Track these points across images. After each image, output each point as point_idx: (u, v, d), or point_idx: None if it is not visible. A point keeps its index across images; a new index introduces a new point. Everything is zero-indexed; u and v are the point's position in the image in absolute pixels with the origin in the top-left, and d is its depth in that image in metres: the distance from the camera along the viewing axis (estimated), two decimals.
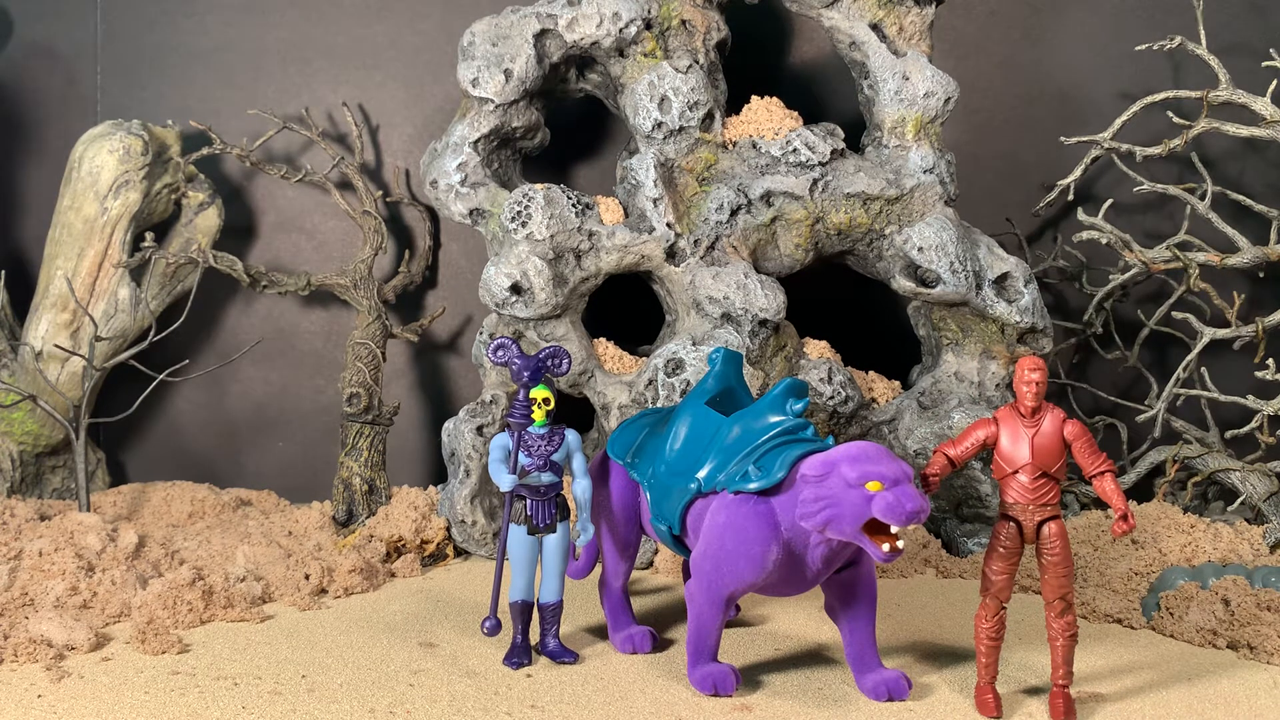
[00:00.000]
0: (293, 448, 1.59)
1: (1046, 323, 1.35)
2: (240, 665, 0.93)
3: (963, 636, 1.04)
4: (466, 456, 1.28)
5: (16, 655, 0.93)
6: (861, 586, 0.90)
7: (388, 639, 1.01)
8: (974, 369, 1.36)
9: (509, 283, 1.26)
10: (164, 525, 1.35)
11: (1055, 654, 0.86)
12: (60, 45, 1.55)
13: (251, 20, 1.55)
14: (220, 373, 1.54)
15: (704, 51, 1.34)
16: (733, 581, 0.86)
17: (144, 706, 0.84)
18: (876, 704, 0.87)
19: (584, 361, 1.30)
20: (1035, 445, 0.84)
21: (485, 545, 1.29)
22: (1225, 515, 1.38)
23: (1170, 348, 1.56)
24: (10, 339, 1.44)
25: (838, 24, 1.36)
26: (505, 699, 0.87)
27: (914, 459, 1.33)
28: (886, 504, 0.78)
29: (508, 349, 0.96)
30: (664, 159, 1.31)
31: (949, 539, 1.34)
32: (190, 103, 1.54)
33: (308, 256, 1.57)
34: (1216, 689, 0.93)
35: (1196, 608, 1.06)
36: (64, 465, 1.48)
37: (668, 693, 0.89)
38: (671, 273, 1.30)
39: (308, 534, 1.30)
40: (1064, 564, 0.85)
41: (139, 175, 1.40)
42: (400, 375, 1.58)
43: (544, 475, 0.94)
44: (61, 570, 1.10)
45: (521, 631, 0.96)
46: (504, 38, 1.32)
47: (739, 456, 0.87)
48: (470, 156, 1.33)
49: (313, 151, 1.54)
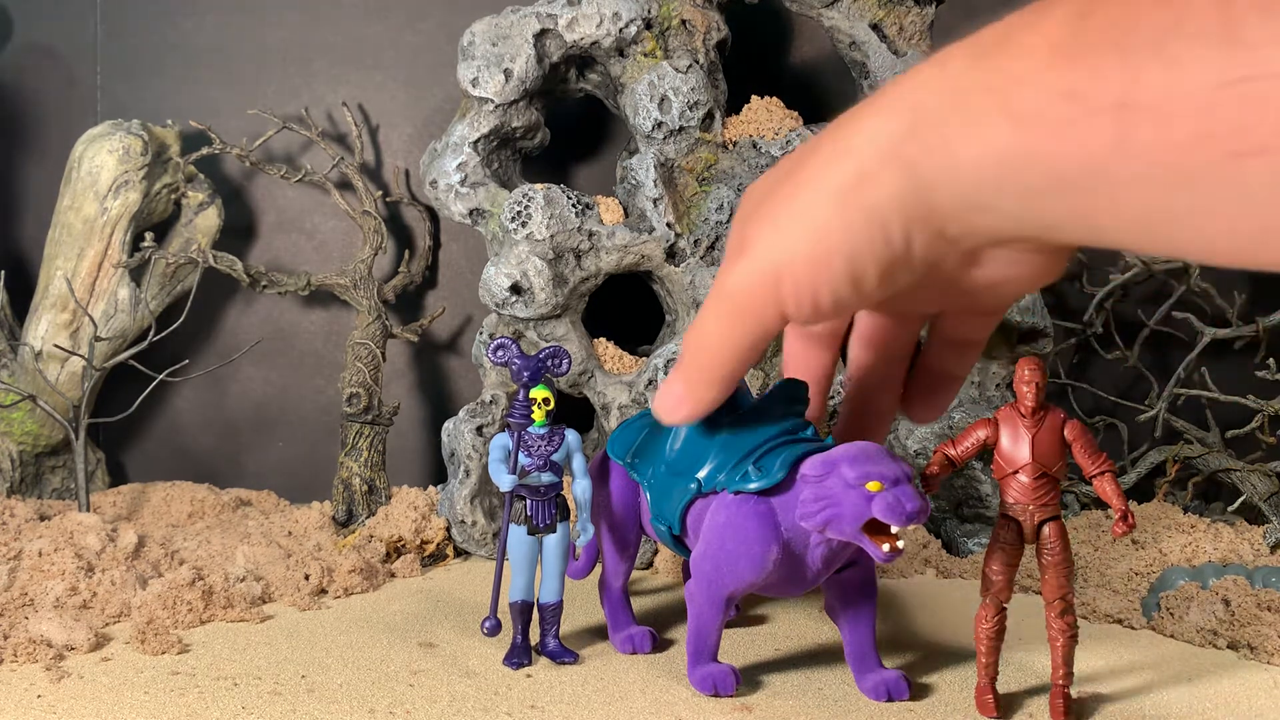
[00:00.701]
0: (293, 448, 1.59)
1: (1047, 323, 1.35)
2: (240, 665, 0.93)
3: (963, 636, 1.04)
4: (466, 456, 1.28)
5: (16, 655, 0.93)
6: (862, 586, 0.90)
7: (387, 639, 1.01)
8: (974, 369, 1.36)
9: (509, 283, 1.26)
10: (164, 525, 1.35)
11: (1055, 654, 0.86)
12: (60, 45, 1.55)
13: (251, 20, 1.55)
14: (220, 373, 1.54)
15: (704, 51, 1.34)
16: (733, 581, 0.85)
17: (144, 707, 0.84)
18: (876, 704, 0.87)
19: (584, 361, 1.30)
20: (1035, 445, 0.84)
21: (485, 545, 1.29)
22: (1225, 515, 1.38)
23: (1170, 347, 1.56)
24: (10, 339, 1.44)
25: (838, 24, 1.36)
26: (505, 699, 0.87)
27: (914, 459, 1.33)
28: (886, 504, 0.78)
29: (508, 349, 0.96)
30: (664, 159, 1.31)
31: (949, 539, 1.34)
32: (190, 103, 1.54)
33: (308, 256, 1.57)
34: (1217, 689, 0.93)
35: (1197, 608, 1.06)
36: (64, 465, 1.48)
37: (668, 693, 0.89)
38: (671, 273, 1.30)
39: (308, 534, 1.30)
40: (1064, 564, 0.85)
41: (139, 175, 1.40)
42: (400, 375, 1.58)
43: (544, 475, 0.94)
44: (61, 570, 1.10)
45: (521, 632, 0.96)
46: (504, 38, 1.32)
47: (739, 456, 0.86)
48: (470, 156, 1.33)
49: (313, 151, 1.54)
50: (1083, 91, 0.48)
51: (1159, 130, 0.45)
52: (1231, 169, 0.43)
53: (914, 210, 0.59)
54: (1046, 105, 0.50)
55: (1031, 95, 0.51)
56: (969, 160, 0.55)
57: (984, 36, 0.55)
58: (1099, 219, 0.51)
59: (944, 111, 0.56)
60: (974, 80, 0.54)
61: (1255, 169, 0.43)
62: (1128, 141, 0.46)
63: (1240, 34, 0.41)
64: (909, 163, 0.58)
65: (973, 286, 0.67)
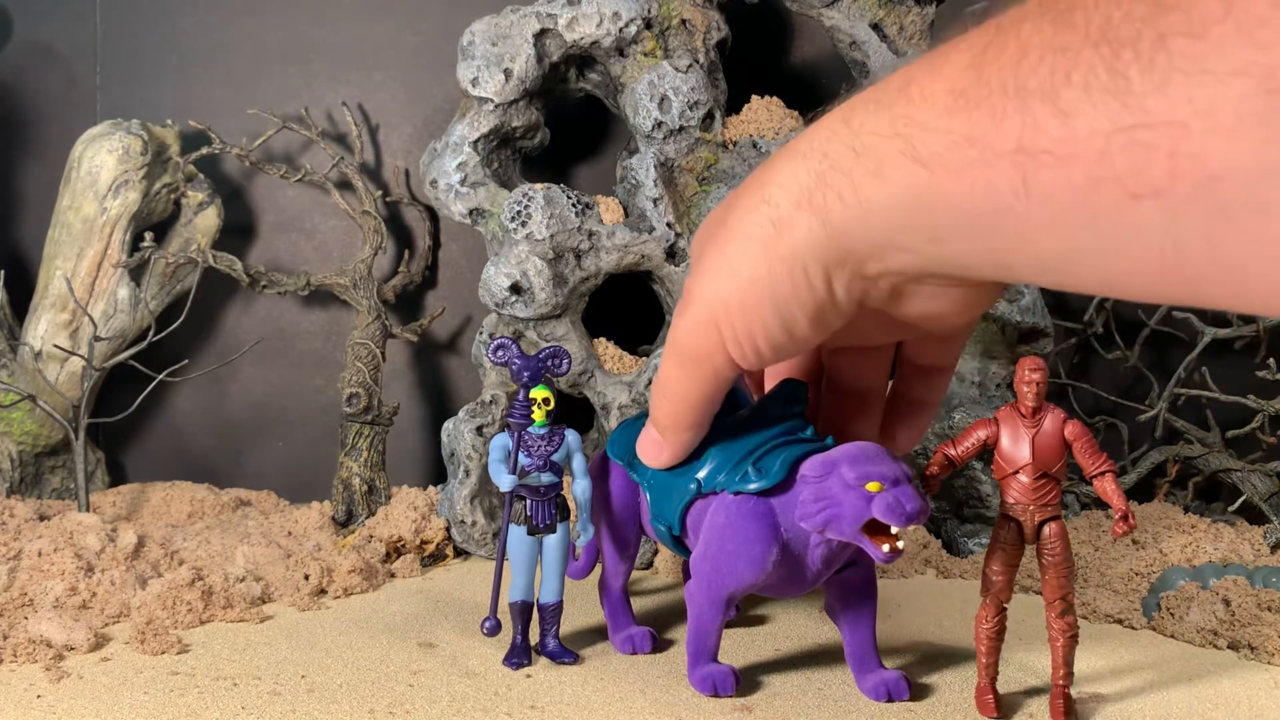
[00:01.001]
0: (292, 448, 1.59)
1: (1048, 323, 1.35)
2: (240, 665, 0.93)
3: (963, 637, 1.04)
4: (466, 456, 1.28)
5: (15, 655, 0.93)
6: (862, 587, 0.90)
7: (387, 639, 1.01)
8: (975, 369, 1.36)
9: (509, 283, 1.26)
10: (163, 525, 1.35)
11: (1056, 654, 0.86)
12: (60, 45, 1.55)
13: (251, 20, 1.55)
14: (220, 373, 1.54)
15: (704, 51, 1.34)
16: (732, 582, 0.85)
17: (143, 707, 0.84)
18: (876, 704, 0.87)
19: (584, 361, 1.30)
20: (1036, 445, 0.84)
21: (485, 545, 1.29)
22: (1226, 515, 1.38)
23: (1171, 347, 1.56)
24: (9, 339, 1.44)
25: (838, 23, 1.36)
26: (505, 699, 0.87)
27: (914, 459, 1.33)
28: (886, 504, 0.78)
29: (507, 349, 0.95)
30: (664, 159, 1.31)
31: (949, 539, 1.34)
32: (190, 102, 1.54)
33: (307, 256, 1.57)
34: (1217, 689, 0.93)
35: (1197, 608, 1.06)
36: (63, 465, 1.48)
37: (668, 693, 0.89)
38: (671, 273, 1.30)
39: (307, 534, 1.30)
40: (1065, 564, 0.84)
41: (138, 175, 1.40)
42: (400, 375, 1.58)
43: (544, 475, 0.94)
44: (61, 570, 1.10)
45: (521, 632, 0.96)
46: (504, 37, 1.32)
47: (739, 457, 0.86)
48: (470, 156, 1.33)
49: (312, 151, 1.54)
50: (983, 136, 0.50)
51: (1058, 174, 0.47)
52: (1129, 211, 0.45)
53: (830, 255, 0.62)
54: (949, 150, 0.52)
55: (935, 140, 0.53)
56: (879, 204, 0.57)
57: (888, 85, 0.58)
58: (1007, 257, 0.54)
59: (851, 159, 0.58)
60: (879, 127, 0.57)
61: (1149, 211, 0.44)
62: (1029, 184, 0.48)
63: (1127, 85, 0.43)
64: (820, 210, 0.61)
65: (907, 319, 0.70)
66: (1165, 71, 0.42)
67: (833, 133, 0.60)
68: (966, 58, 0.52)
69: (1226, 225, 0.43)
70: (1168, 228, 0.44)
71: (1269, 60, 0.39)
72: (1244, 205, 0.42)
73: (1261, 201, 0.41)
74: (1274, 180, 0.40)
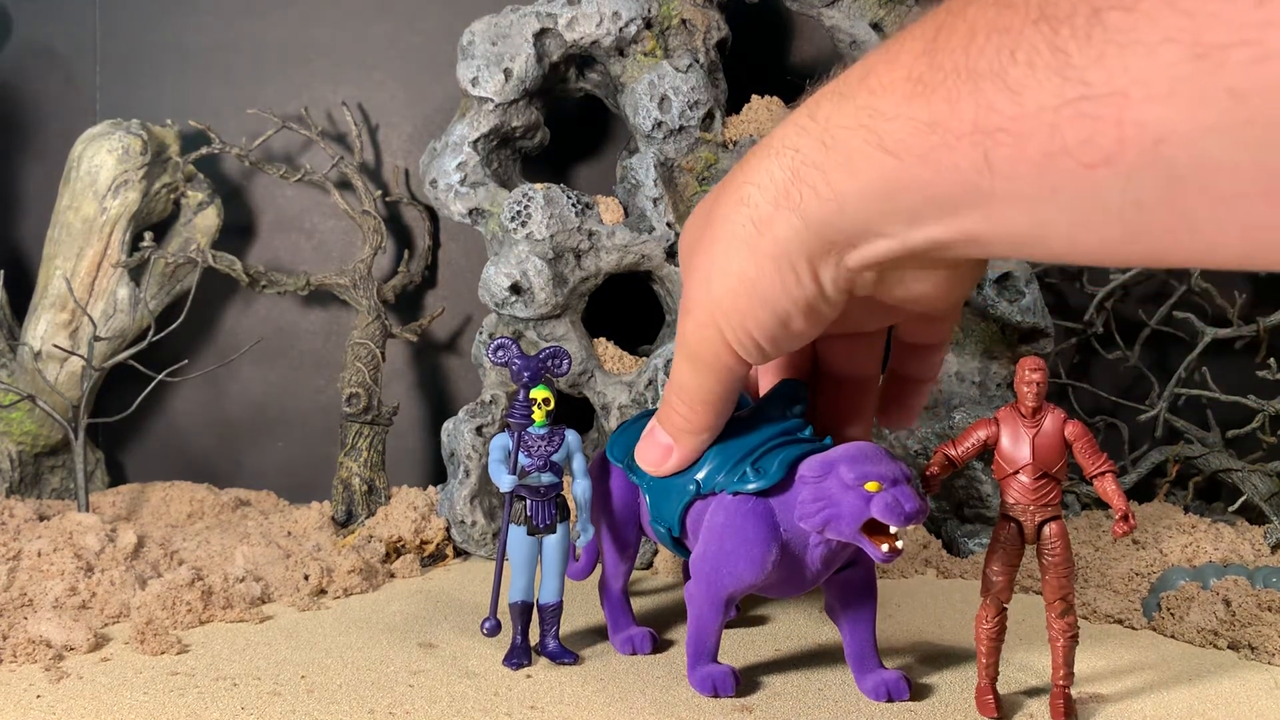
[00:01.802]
0: (292, 448, 1.59)
1: (1048, 323, 1.35)
2: (239, 666, 0.93)
3: (963, 637, 1.04)
4: (466, 457, 1.28)
5: (15, 656, 0.93)
6: (861, 587, 0.90)
7: (387, 640, 1.01)
8: (975, 369, 1.36)
9: (509, 283, 1.26)
10: (163, 525, 1.35)
11: (1056, 654, 0.86)
12: (60, 45, 1.55)
13: (251, 20, 1.55)
14: (220, 373, 1.54)
15: (704, 51, 1.34)
16: (732, 582, 0.85)
17: (143, 707, 0.84)
18: (876, 704, 0.87)
19: (584, 361, 1.30)
20: (1036, 445, 0.84)
21: (485, 546, 1.29)
22: (1226, 515, 1.37)
23: (1171, 347, 1.56)
24: (9, 339, 1.44)
25: (838, 23, 1.36)
26: (505, 700, 0.87)
27: (914, 459, 1.33)
28: (885, 504, 0.78)
29: (507, 349, 0.95)
30: (664, 158, 1.31)
31: (950, 539, 1.34)
32: (190, 102, 1.54)
33: (307, 256, 1.57)
34: (1217, 690, 0.93)
35: (1197, 608, 1.06)
36: (63, 465, 1.48)
37: (668, 693, 0.89)
38: (672, 273, 1.30)
39: (307, 534, 1.29)
40: (1065, 564, 0.84)
41: (138, 175, 1.40)
42: (400, 375, 1.58)
43: (544, 476, 0.94)
44: (60, 570, 1.10)
45: (521, 632, 0.96)
46: (504, 37, 1.32)
47: (737, 457, 0.86)
48: (470, 156, 1.33)
49: (312, 151, 1.54)
50: (942, 120, 0.52)
51: (1015, 150, 0.49)
52: (1085, 180, 0.47)
53: (813, 248, 0.64)
54: (913, 136, 0.54)
55: (898, 128, 0.55)
56: (853, 195, 0.59)
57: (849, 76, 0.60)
58: (981, 235, 0.55)
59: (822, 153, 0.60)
60: (844, 119, 0.59)
61: (1104, 178, 0.46)
62: (990, 162, 0.50)
63: (1067, 59, 0.45)
64: (798, 206, 0.63)
65: (894, 303, 0.72)
66: (1101, 45, 0.44)
67: (801, 128, 0.62)
68: (920, 44, 0.54)
69: (1178, 185, 0.44)
70: (1124, 192, 0.46)
71: (1195, 27, 0.41)
72: (1188, 164, 0.43)
73: (1203, 160, 0.43)
74: (1211, 138, 0.42)
